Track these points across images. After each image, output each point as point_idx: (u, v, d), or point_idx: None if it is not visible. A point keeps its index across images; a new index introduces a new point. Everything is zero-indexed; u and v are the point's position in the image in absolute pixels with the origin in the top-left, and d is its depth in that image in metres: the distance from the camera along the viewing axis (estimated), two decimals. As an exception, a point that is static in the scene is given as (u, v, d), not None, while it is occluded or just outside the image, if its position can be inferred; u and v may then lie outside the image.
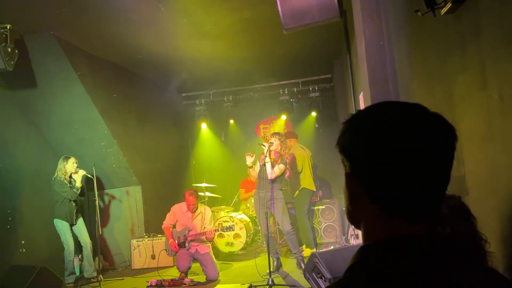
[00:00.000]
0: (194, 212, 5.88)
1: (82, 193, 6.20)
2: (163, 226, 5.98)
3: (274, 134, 5.77)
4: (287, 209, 6.09)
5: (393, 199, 0.77)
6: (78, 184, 6.03)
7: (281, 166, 5.63)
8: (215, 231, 5.84)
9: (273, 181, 5.71)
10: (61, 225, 5.94)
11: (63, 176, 5.96)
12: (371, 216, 0.80)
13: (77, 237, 6.16)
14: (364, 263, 0.76)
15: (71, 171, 6.02)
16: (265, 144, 5.57)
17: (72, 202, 6.00)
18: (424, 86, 2.85)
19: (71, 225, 6.04)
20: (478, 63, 1.90)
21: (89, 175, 6.02)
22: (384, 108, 0.81)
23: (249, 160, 5.68)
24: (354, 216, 0.85)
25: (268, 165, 5.52)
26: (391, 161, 0.75)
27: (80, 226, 6.13)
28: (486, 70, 1.82)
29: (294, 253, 5.86)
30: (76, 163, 6.06)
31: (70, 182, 6.03)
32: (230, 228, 5.92)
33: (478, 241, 1.66)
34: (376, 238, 0.78)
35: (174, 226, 5.96)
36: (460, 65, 2.11)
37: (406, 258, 0.73)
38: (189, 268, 5.80)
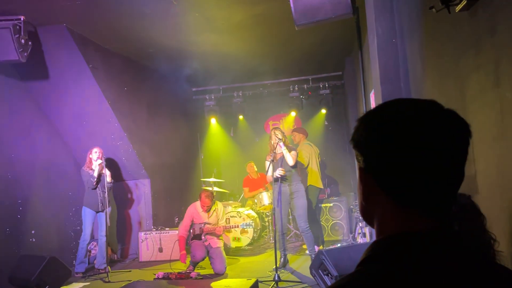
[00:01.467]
0: (209, 211, 6.00)
1: (98, 182, 6.22)
2: (178, 235, 6.04)
3: (276, 129, 5.96)
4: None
5: (399, 196, 0.78)
6: (96, 173, 6.13)
7: (293, 152, 5.82)
8: (228, 228, 6.06)
9: (293, 167, 5.83)
10: (85, 212, 6.15)
11: (86, 165, 6.13)
12: (384, 211, 0.80)
13: (97, 227, 6.29)
14: (375, 258, 0.77)
15: (94, 159, 6.15)
16: (279, 136, 5.81)
17: (98, 191, 6.15)
18: (437, 84, 2.82)
19: (97, 212, 6.18)
20: (492, 61, 1.88)
21: (105, 166, 6.14)
22: (397, 105, 0.82)
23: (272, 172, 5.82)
24: (367, 211, 0.85)
25: (286, 152, 5.73)
26: (396, 157, 0.76)
27: (102, 218, 6.23)
28: (500, 68, 1.80)
29: (309, 251, 5.88)
30: (97, 152, 6.14)
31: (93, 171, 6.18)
32: (249, 225, 6.14)
33: (487, 240, 1.65)
34: (388, 233, 0.79)
35: (192, 224, 6.02)
36: (474, 63, 2.09)
37: (409, 255, 0.74)
38: (204, 258, 5.86)
